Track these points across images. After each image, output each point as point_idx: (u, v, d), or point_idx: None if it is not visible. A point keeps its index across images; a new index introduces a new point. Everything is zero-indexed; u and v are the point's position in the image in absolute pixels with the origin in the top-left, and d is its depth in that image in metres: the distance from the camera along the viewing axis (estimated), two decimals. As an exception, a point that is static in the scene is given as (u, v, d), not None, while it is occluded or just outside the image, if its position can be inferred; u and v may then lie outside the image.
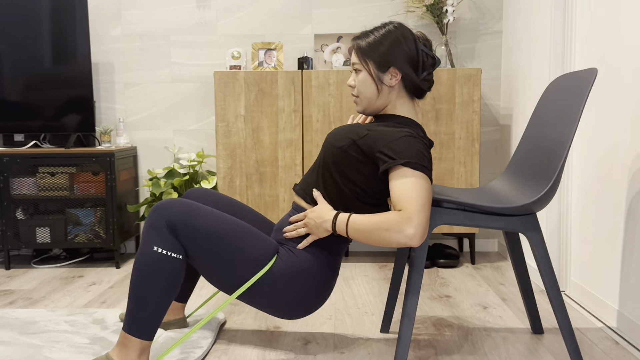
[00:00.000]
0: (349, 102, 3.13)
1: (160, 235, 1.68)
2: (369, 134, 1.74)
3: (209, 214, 1.75)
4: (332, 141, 1.80)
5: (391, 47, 1.77)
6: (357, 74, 1.82)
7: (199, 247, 1.71)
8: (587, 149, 2.42)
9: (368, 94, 1.81)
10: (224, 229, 1.74)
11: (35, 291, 2.76)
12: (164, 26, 3.53)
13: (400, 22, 1.83)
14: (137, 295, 1.67)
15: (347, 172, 1.76)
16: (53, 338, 2.08)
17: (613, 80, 2.19)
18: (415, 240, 1.58)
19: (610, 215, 2.21)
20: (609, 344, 2.03)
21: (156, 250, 1.67)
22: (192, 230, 1.70)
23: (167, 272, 1.67)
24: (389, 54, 1.77)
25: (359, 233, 1.66)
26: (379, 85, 1.79)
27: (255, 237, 1.78)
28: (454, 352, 1.97)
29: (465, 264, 3.24)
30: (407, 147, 1.66)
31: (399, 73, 1.78)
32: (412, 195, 1.60)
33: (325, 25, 3.50)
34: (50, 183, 3.17)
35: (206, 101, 3.56)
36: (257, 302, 1.81)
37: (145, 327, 1.68)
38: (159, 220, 1.69)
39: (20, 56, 3.24)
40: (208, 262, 1.74)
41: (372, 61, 1.78)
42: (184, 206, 1.72)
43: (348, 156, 1.75)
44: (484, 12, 3.46)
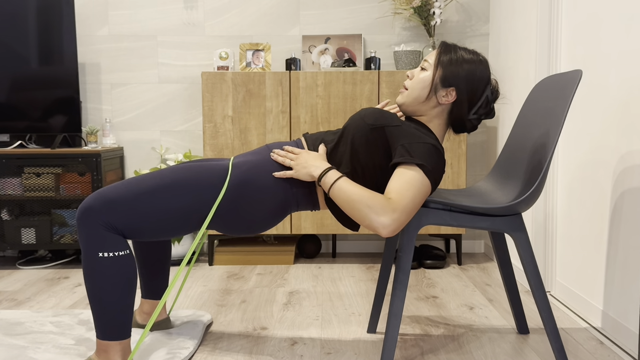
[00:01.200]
0: (337, 103, 3.13)
1: (100, 239, 1.64)
2: (401, 126, 1.73)
3: (133, 179, 1.72)
4: (364, 115, 1.78)
5: (465, 72, 1.76)
6: (421, 72, 1.81)
7: (143, 214, 1.67)
8: (572, 150, 2.44)
9: (417, 93, 1.79)
10: (156, 180, 1.70)
11: (21, 292, 2.74)
12: (151, 27, 3.52)
13: (487, 60, 1.82)
14: (99, 304, 1.65)
15: (360, 149, 1.75)
16: (38, 339, 2.06)
17: (598, 82, 2.21)
18: (386, 231, 1.58)
19: (595, 216, 2.23)
20: (593, 344, 2.05)
21: (102, 256, 1.64)
22: (126, 206, 1.66)
23: (121, 272, 1.65)
24: (459, 75, 1.76)
25: (340, 194, 1.65)
26: (431, 93, 1.78)
27: (194, 168, 1.76)
28: (440, 352, 1.98)
29: (452, 265, 3.26)
30: (429, 155, 1.66)
31: (454, 96, 1.77)
32: (407, 192, 1.60)
33: (313, 27, 3.50)
34: (35, 183, 3.15)
35: (193, 102, 3.55)
36: (221, 225, 1.79)
37: (118, 329, 1.67)
38: (92, 224, 1.64)
39: (6, 56, 3.22)
40: (161, 219, 1.69)
41: (442, 71, 1.77)
42: (105, 194, 1.67)
43: (371, 136, 1.74)
44: (471, 14, 3.49)
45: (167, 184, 1.71)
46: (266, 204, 1.78)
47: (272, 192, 1.78)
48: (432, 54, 1.82)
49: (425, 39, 3.49)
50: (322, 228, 3.18)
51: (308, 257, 3.44)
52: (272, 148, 1.86)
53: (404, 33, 3.49)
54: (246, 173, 1.77)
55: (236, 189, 1.75)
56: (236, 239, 3.47)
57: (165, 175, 1.73)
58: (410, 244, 1.74)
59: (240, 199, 1.75)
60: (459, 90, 1.77)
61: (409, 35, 3.49)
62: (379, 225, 1.58)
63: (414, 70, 1.85)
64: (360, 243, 3.61)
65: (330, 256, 3.50)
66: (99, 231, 1.64)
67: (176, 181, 1.72)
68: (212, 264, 3.26)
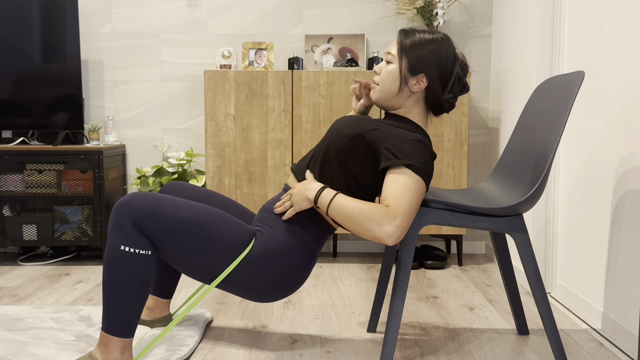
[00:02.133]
0: (339, 103, 3.14)
1: (125, 233, 1.66)
2: (378, 129, 1.72)
3: (177, 203, 1.72)
4: (340, 127, 1.78)
5: (430, 54, 1.75)
6: (387, 65, 1.80)
7: (168, 238, 1.68)
8: (574, 151, 2.44)
9: (388, 87, 1.79)
10: (194, 217, 1.71)
11: (21, 288, 2.74)
12: (155, 25, 3.52)
13: (448, 36, 1.81)
14: (110, 295, 1.66)
15: (347, 160, 1.75)
16: (38, 335, 2.07)
17: (600, 84, 2.21)
18: (391, 240, 1.58)
19: (596, 218, 2.23)
20: (593, 345, 2.05)
21: (123, 249, 1.65)
22: (158, 222, 1.67)
23: (137, 270, 1.66)
24: (425, 59, 1.75)
25: (339, 212, 1.64)
26: (402, 85, 1.77)
27: (229, 223, 1.76)
28: (440, 352, 1.98)
29: (453, 266, 3.26)
30: (415, 151, 1.65)
31: (425, 82, 1.77)
32: (403, 197, 1.60)
33: (316, 26, 3.51)
34: (37, 180, 3.15)
35: (196, 100, 3.55)
36: (235, 288, 1.79)
37: (123, 326, 1.67)
38: (123, 218, 1.66)
39: (9, 53, 3.23)
40: (180, 253, 1.71)
41: (407, 60, 1.76)
42: (146, 200, 1.69)
43: (352, 146, 1.74)
44: (474, 15, 3.49)
45: (199, 222, 1.71)
46: (295, 260, 1.78)
47: (293, 248, 1.78)
48: (394, 45, 1.81)
49: (428, 39, 3.48)
50: (323, 227, 3.18)
51: (309, 257, 3.44)
52: (268, 208, 1.86)
53: (406, 33, 3.49)
54: (266, 242, 1.77)
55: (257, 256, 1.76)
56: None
57: (203, 212, 1.74)
58: (411, 244, 1.75)
59: (261, 265, 1.76)
60: (428, 75, 1.76)
61: (411, 36, 3.49)
62: (384, 236, 1.58)
63: (380, 64, 1.84)
64: (361, 243, 3.61)
65: (331, 255, 3.50)
66: (127, 226, 1.66)
67: (208, 224, 1.72)
68: (212, 262, 3.26)
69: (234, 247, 1.73)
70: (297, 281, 1.82)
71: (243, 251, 1.74)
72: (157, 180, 3.27)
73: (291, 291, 1.84)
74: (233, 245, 1.73)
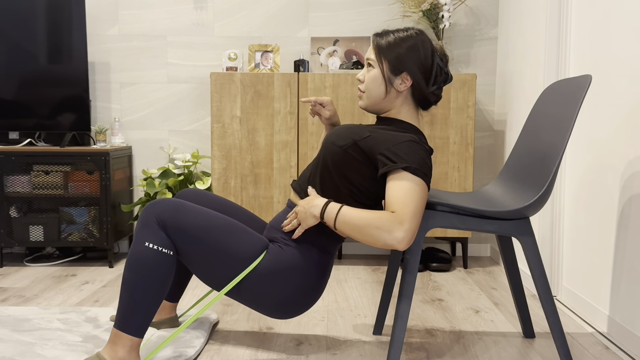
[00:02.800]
0: (345, 105, 3.14)
1: (151, 232, 1.70)
2: (371, 135, 1.73)
3: (198, 212, 1.76)
4: (333, 139, 1.79)
5: (408, 51, 1.77)
6: (369, 70, 1.82)
7: (188, 244, 1.72)
8: (580, 155, 2.44)
9: (375, 92, 1.80)
10: (211, 226, 1.74)
11: (28, 289, 2.76)
12: (161, 27, 3.54)
13: (422, 30, 1.83)
14: (129, 291, 1.68)
15: (345, 171, 1.76)
16: (45, 336, 2.08)
17: (607, 88, 2.21)
18: (402, 245, 1.58)
19: (602, 221, 2.23)
20: (599, 349, 2.05)
21: (147, 246, 1.68)
22: (180, 227, 1.71)
23: (159, 268, 1.68)
24: (404, 58, 1.76)
25: (347, 225, 1.65)
26: (388, 87, 1.78)
27: (244, 233, 1.78)
28: (445, 355, 1.98)
29: (458, 268, 3.26)
30: (410, 152, 1.65)
31: (410, 80, 1.77)
32: (407, 200, 1.60)
33: (321, 29, 3.51)
34: (44, 181, 3.16)
35: (202, 102, 3.56)
36: (246, 299, 1.81)
37: (136, 324, 1.68)
38: (149, 217, 1.71)
39: (16, 55, 3.24)
40: (197, 259, 1.75)
41: (387, 62, 1.77)
42: (173, 204, 1.74)
43: (348, 156, 1.74)
44: (480, 18, 3.49)
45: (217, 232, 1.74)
46: (307, 276, 1.79)
47: (304, 265, 1.79)
48: (371, 50, 1.82)
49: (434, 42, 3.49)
50: (328, 229, 3.19)
51: (314, 258, 3.44)
52: (275, 226, 1.87)
53: (412, 36, 3.49)
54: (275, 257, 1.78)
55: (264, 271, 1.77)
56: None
57: (222, 222, 1.77)
58: (417, 247, 1.75)
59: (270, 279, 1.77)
60: (411, 72, 1.77)
61: (417, 38, 3.49)
62: (395, 242, 1.58)
63: (362, 71, 1.85)
64: (366, 245, 3.62)
65: (336, 257, 3.51)
66: (152, 224, 1.70)
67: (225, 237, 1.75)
68: (218, 264, 3.26)
69: (246, 257, 1.75)
70: (312, 297, 1.84)
71: (254, 261, 1.76)
72: (163, 182, 3.28)
73: (306, 307, 1.86)
74: (246, 254, 1.75)
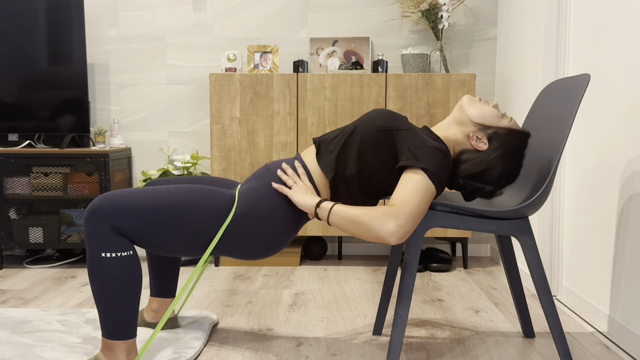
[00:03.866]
0: (344, 105, 3.14)
1: (104, 240, 1.65)
2: (409, 130, 1.73)
3: (148, 192, 1.71)
4: (374, 116, 1.78)
5: (505, 155, 1.76)
6: (503, 118, 1.82)
7: (151, 228, 1.67)
8: (579, 154, 2.44)
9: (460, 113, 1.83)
10: (170, 199, 1.70)
11: (28, 291, 2.75)
12: (160, 28, 3.54)
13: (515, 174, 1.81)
14: (103, 303, 1.66)
15: (367, 151, 1.75)
16: (45, 337, 2.08)
17: (606, 87, 2.21)
18: (393, 239, 1.57)
19: (602, 221, 2.23)
20: (599, 349, 2.04)
21: (105, 256, 1.64)
22: (135, 216, 1.66)
23: (123, 273, 1.66)
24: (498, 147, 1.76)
25: (341, 216, 1.63)
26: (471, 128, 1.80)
27: (206, 193, 1.75)
28: (445, 356, 1.98)
29: (458, 269, 3.25)
30: (434, 159, 1.66)
31: (485, 147, 1.78)
32: (412, 199, 1.60)
33: (320, 29, 3.51)
34: (44, 183, 3.16)
35: (201, 103, 3.56)
36: (226, 250, 1.79)
37: (123, 329, 1.68)
38: (97, 224, 1.65)
39: (15, 57, 3.24)
40: (167, 238, 1.70)
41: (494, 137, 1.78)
42: (117, 199, 1.68)
43: (378, 138, 1.74)
44: (479, 18, 3.49)
45: (176, 204, 1.70)
46: (278, 224, 1.78)
47: (281, 213, 1.78)
48: (503, 117, 1.82)
49: (433, 42, 3.49)
50: (328, 230, 3.19)
51: (314, 259, 3.45)
52: (271, 168, 1.85)
53: (411, 36, 3.50)
54: (252, 203, 1.76)
55: (243, 217, 1.74)
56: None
57: (177, 193, 1.72)
58: (416, 247, 1.75)
59: (249, 225, 1.75)
60: (488, 150, 1.77)
61: (416, 39, 3.50)
62: (385, 234, 1.56)
63: (492, 106, 1.84)
64: (366, 245, 3.61)
65: (336, 258, 3.51)
66: (103, 231, 1.64)
67: (185, 203, 1.71)
68: (218, 265, 3.27)
69: (217, 215, 1.72)
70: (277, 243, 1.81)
71: (227, 216, 1.73)
72: (162, 183, 3.28)
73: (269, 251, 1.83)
74: (216, 213, 1.72)
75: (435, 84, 3.12)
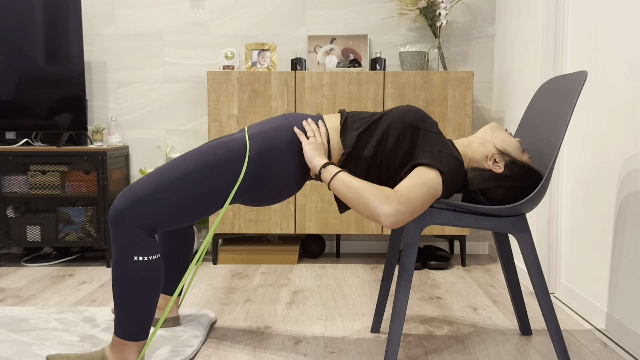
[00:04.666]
0: (342, 103, 3.14)
1: (137, 244, 1.64)
2: (438, 134, 1.78)
3: (160, 172, 1.71)
4: (407, 111, 1.80)
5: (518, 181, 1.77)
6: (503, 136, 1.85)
7: (178, 201, 1.68)
8: (577, 151, 2.44)
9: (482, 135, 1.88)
10: (183, 167, 1.71)
11: (25, 289, 2.75)
12: (158, 26, 3.53)
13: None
14: (125, 305, 1.66)
15: (389, 140, 1.77)
16: (43, 335, 2.07)
17: (604, 84, 2.21)
18: (388, 221, 1.57)
19: (600, 218, 2.23)
20: (597, 346, 2.05)
21: (137, 260, 1.64)
22: (160, 204, 1.66)
23: (151, 276, 1.66)
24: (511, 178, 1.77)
25: (344, 183, 1.64)
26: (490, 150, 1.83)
27: (215, 146, 1.76)
28: (444, 352, 1.98)
29: (456, 266, 3.25)
30: (452, 167, 1.71)
31: (500, 170, 1.79)
32: (417, 192, 1.62)
33: (318, 27, 3.51)
34: (41, 181, 3.16)
35: (199, 101, 3.56)
36: (240, 195, 1.79)
37: (140, 330, 1.68)
38: (128, 229, 1.64)
39: (12, 55, 3.23)
40: (194, 205, 1.71)
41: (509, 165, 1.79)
42: (137, 195, 1.67)
43: (404, 133, 1.76)
44: (477, 15, 3.49)
45: (190, 170, 1.70)
46: (289, 169, 1.79)
47: (292, 157, 1.79)
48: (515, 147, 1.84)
49: (431, 40, 3.49)
50: (326, 228, 3.19)
51: (312, 257, 3.45)
52: (290, 118, 1.86)
53: (409, 34, 3.50)
54: (264, 143, 1.77)
55: (256, 161, 1.75)
56: (240, 239, 3.48)
57: (188, 161, 1.72)
58: (414, 244, 1.75)
59: (263, 169, 1.76)
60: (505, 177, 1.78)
61: (414, 36, 3.50)
62: (382, 214, 1.57)
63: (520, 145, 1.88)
64: (364, 243, 3.61)
65: (334, 256, 3.50)
66: (133, 234, 1.64)
67: (198, 166, 1.71)
68: (216, 263, 3.27)
69: (233, 164, 1.74)
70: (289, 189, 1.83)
71: (242, 162, 1.74)
72: (160, 181, 3.27)
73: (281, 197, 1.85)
74: (231, 161, 1.73)
75: (433, 82, 3.12)
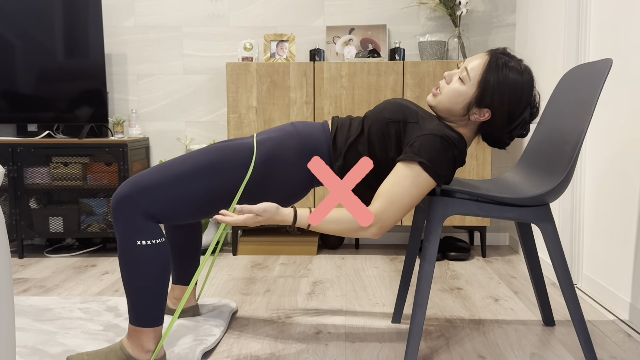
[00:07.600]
0: (361, 94, 3.13)
1: (137, 228, 1.65)
2: (417, 123, 1.71)
3: (167, 165, 1.72)
4: (383, 109, 1.77)
5: (509, 96, 1.66)
6: (459, 82, 1.71)
7: (183, 196, 1.69)
8: (601, 141, 2.41)
9: (447, 105, 1.72)
10: (190, 164, 1.72)
11: (49, 279, 2.79)
12: (177, 18, 3.54)
13: (532, 76, 1.71)
14: (134, 291, 1.67)
15: (375, 144, 1.75)
16: (67, 325, 2.10)
17: (629, 72, 2.17)
18: (377, 237, 1.64)
19: (623, 209, 2.20)
20: (621, 337, 2.03)
21: (140, 244, 1.65)
22: (163, 195, 1.67)
23: (157, 260, 1.67)
24: (499, 100, 1.66)
25: (325, 223, 1.59)
26: (464, 110, 1.71)
27: (224, 147, 1.77)
28: (465, 343, 1.97)
29: (477, 257, 3.24)
30: (431, 150, 1.61)
31: (487, 117, 1.70)
32: (396, 198, 1.60)
33: (337, 17, 3.49)
34: (63, 173, 3.19)
35: (218, 93, 3.57)
36: (248, 198, 1.79)
37: (153, 316, 1.69)
38: (129, 213, 1.65)
39: (33, 49, 3.26)
40: (199, 203, 1.71)
41: (481, 93, 1.68)
42: (141, 183, 1.67)
43: (385, 131, 1.73)
44: (497, 4, 3.45)
45: (197, 167, 1.71)
46: (293, 177, 1.79)
47: (298, 166, 1.79)
48: (476, 65, 1.69)
49: (451, 29, 3.46)
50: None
51: (331, 248, 3.45)
52: (298, 126, 1.85)
53: (429, 23, 3.47)
54: (271, 150, 1.78)
55: (263, 166, 1.76)
56: (259, 230, 3.49)
57: (195, 159, 1.74)
58: (435, 234, 1.74)
59: (268, 174, 1.77)
60: (494, 113, 1.69)
61: (434, 26, 3.47)
62: (369, 235, 1.63)
63: (453, 73, 1.74)
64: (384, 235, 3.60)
65: (353, 247, 3.50)
66: (136, 219, 1.65)
67: (206, 164, 1.72)
68: (236, 254, 3.28)
69: (239, 167, 1.74)
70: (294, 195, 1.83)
71: (248, 166, 1.75)
72: (180, 173, 3.29)
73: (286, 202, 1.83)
74: (238, 164, 1.74)
75: (453, 72, 3.09)
